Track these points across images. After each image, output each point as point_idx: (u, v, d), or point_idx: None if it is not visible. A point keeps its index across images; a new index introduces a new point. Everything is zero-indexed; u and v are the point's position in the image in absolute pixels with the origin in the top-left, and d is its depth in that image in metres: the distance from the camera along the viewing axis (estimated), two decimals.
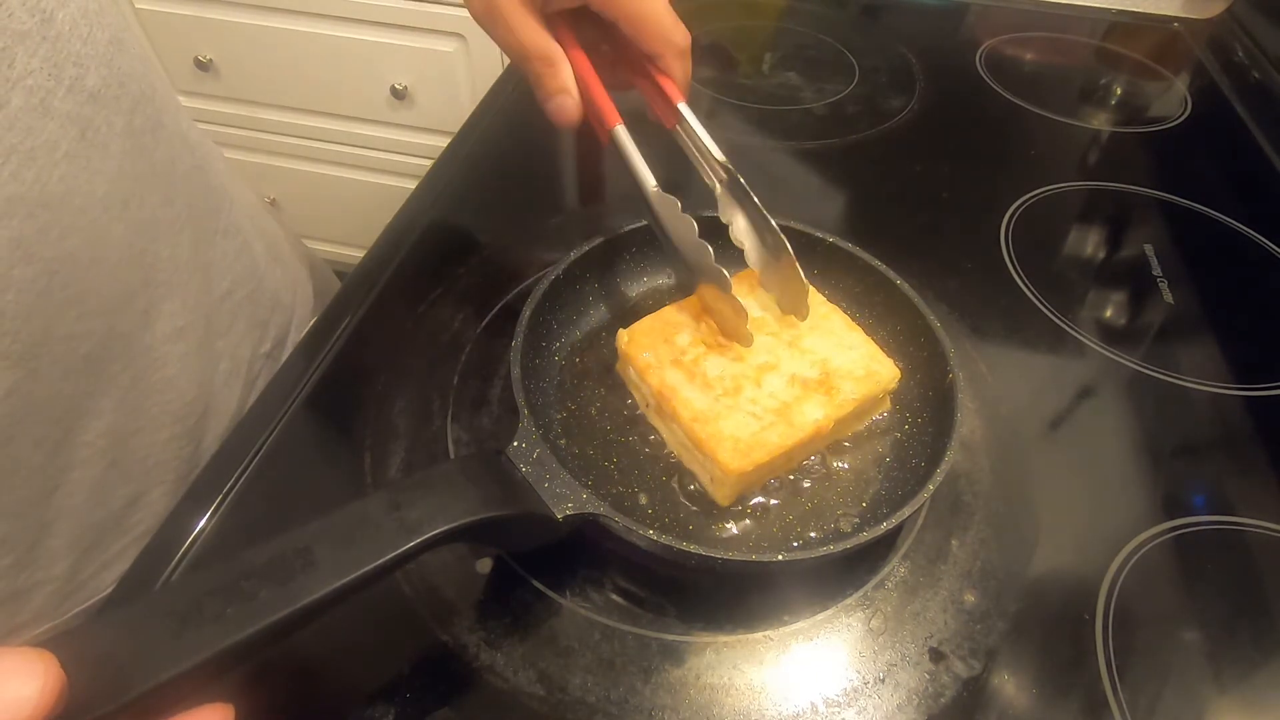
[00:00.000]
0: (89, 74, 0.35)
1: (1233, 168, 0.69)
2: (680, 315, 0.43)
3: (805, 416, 0.38)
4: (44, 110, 0.32)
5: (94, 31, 0.35)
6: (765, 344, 0.42)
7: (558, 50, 0.41)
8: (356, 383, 0.46)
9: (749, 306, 0.43)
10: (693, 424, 0.38)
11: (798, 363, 0.41)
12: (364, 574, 0.27)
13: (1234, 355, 0.51)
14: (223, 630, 0.24)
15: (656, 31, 0.41)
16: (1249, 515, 0.42)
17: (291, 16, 1.13)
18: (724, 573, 0.38)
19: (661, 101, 0.44)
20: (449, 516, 0.29)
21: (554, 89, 0.41)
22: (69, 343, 0.36)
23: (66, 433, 0.38)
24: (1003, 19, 0.89)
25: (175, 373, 0.43)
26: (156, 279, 0.41)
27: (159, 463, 0.44)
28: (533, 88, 0.42)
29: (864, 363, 0.41)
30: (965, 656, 0.36)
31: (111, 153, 0.36)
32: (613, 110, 0.42)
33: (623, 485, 0.40)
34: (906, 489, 0.39)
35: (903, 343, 0.45)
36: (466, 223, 0.58)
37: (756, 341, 0.42)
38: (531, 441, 0.35)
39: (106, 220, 0.37)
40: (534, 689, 0.34)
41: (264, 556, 0.26)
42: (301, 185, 1.38)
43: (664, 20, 0.41)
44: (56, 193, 0.33)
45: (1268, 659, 0.37)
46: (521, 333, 0.40)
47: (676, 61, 0.42)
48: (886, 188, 0.64)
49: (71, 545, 0.40)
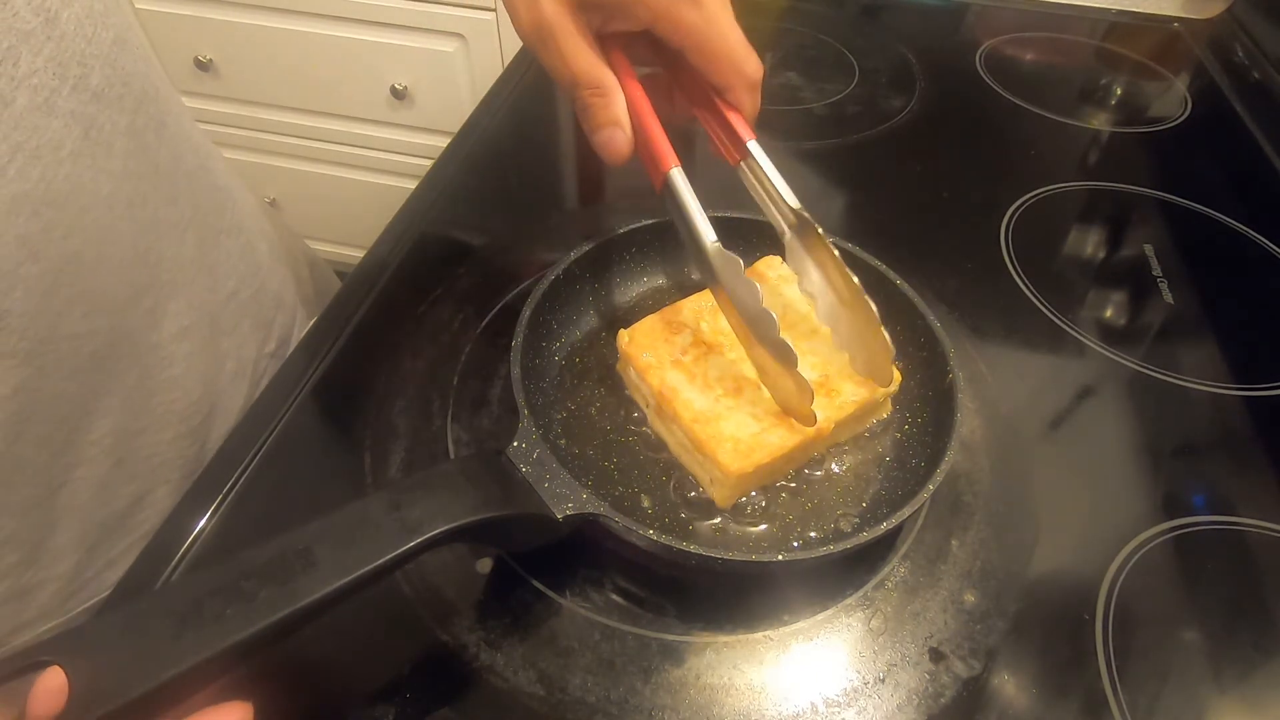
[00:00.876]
0: (93, 73, 0.35)
1: (1233, 168, 0.69)
2: (681, 316, 0.43)
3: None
4: (48, 109, 0.33)
5: (98, 31, 0.36)
6: None
7: (611, 79, 0.37)
8: (356, 382, 0.46)
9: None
10: (693, 425, 0.38)
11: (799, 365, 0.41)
12: (364, 574, 0.27)
13: (1234, 355, 0.51)
14: (223, 630, 0.24)
15: (729, 62, 0.37)
16: (1249, 515, 0.42)
17: (291, 16, 1.13)
18: (724, 572, 0.38)
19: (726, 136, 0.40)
20: (449, 517, 0.29)
21: (604, 120, 0.37)
22: (75, 341, 0.36)
23: (72, 431, 0.38)
24: (1003, 19, 0.89)
25: (181, 372, 0.43)
26: (162, 278, 0.41)
27: (164, 462, 0.44)
28: (580, 117, 0.38)
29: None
30: (965, 656, 0.36)
31: (116, 152, 0.36)
32: (669, 150, 0.37)
33: (623, 485, 0.40)
34: (906, 489, 0.39)
35: (902, 343, 0.44)
36: (467, 222, 0.58)
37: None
38: (531, 442, 0.35)
39: (111, 219, 0.37)
40: (534, 689, 0.34)
41: (264, 556, 0.26)
42: (301, 185, 1.38)
43: (737, 50, 0.37)
44: (62, 191, 0.33)
45: (1268, 659, 0.37)
46: (521, 333, 0.40)
47: (747, 95, 0.38)
48: (886, 188, 0.64)
49: (76, 543, 0.40)
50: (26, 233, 0.32)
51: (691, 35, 0.36)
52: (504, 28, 1.08)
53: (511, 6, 0.37)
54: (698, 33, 0.36)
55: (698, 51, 0.37)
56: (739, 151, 0.40)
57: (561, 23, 0.36)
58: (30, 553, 0.38)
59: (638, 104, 0.38)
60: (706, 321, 0.43)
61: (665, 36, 0.37)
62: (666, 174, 0.37)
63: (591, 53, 0.37)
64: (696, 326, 0.43)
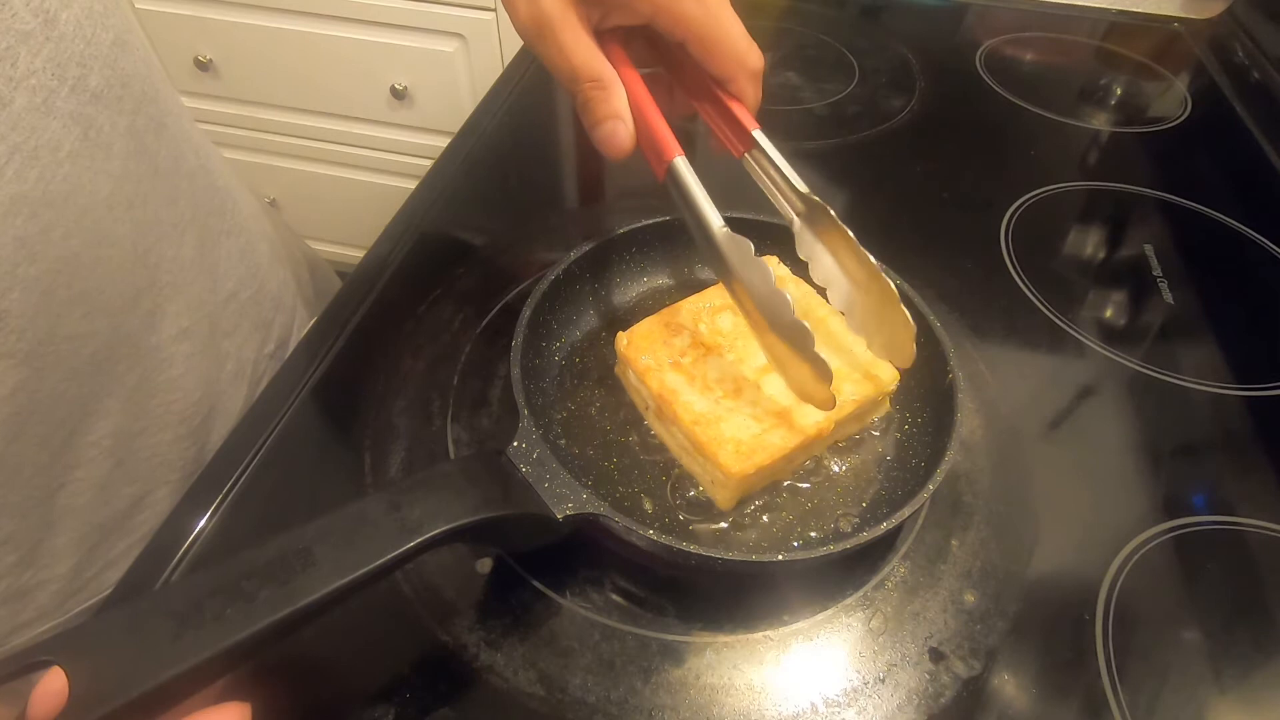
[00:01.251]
0: (92, 74, 0.35)
1: (1233, 168, 0.69)
2: (679, 318, 0.43)
3: (806, 419, 0.38)
4: (47, 110, 0.33)
5: (97, 33, 0.36)
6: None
7: (611, 72, 0.37)
8: (356, 383, 0.46)
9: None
10: (694, 427, 0.38)
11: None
12: (364, 574, 0.27)
13: (1234, 355, 0.51)
14: (222, 631, 0.24)
15: (731, 53, 0.37)
16: (1249, 515, 0.42)
17: (291, 16, 1.13)
18: (724, 572, 0.38)
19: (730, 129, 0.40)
20: (449, 517, 0.29)
21: (605, 114, 0.37)
22: (74, 342, 0.36)
23: (72, 432, 0.38)
24: (1003, 19, 0.89)
25: (181, 373, 0.43)
26: (162, 279, 0.41)
27: (164, 463, 0.44)
28: (580, 112, 0.38)
29: (863, 365, 0.41)
30: (965, 656, 0.36)
31: (115, 153, 0.36)
32: (672, 140, 0.37)
33: (623, 485, 0.40)
34: (907, 489, 0.39)
35: None
36: (466, 223, 0.58)
37: (755, 344, 0.41)
38: (531, 442, 0.35)
39: (111, 220, 0.37)
40: (534, 689, 0.34)
41: (264, 557, 0.26)
42: (301, 185, 1.38)
43: (739, 41, 0.37)
44: (60, 192, 0.33)
45: (1268, 659, 0.37)
46: (521, 333, 0.40)
47: (750, 85, 0.39)
48: (886, 188, 0.64)
49: (76, 544, 0.40)
50: (25, 234, 0.32)
51: (693, 27, 0.36)
52: (504, 28, 1.08)
53: (510, 2, 0.37)
54: (699, 24, 0.36)
55: (699, 43, 0.37)
56: (744, 143, 0.39)
57: (560, 16, 0.36)
58: (29, 553, 0.38)
59: (638, 95, 0.37)
60: (705, 323, 0.43)
61: (666, 30, 0.37)
62: (670, 162, 0.36)
63: (591, 47, 0.37)
64: (695, 328, 0.43)
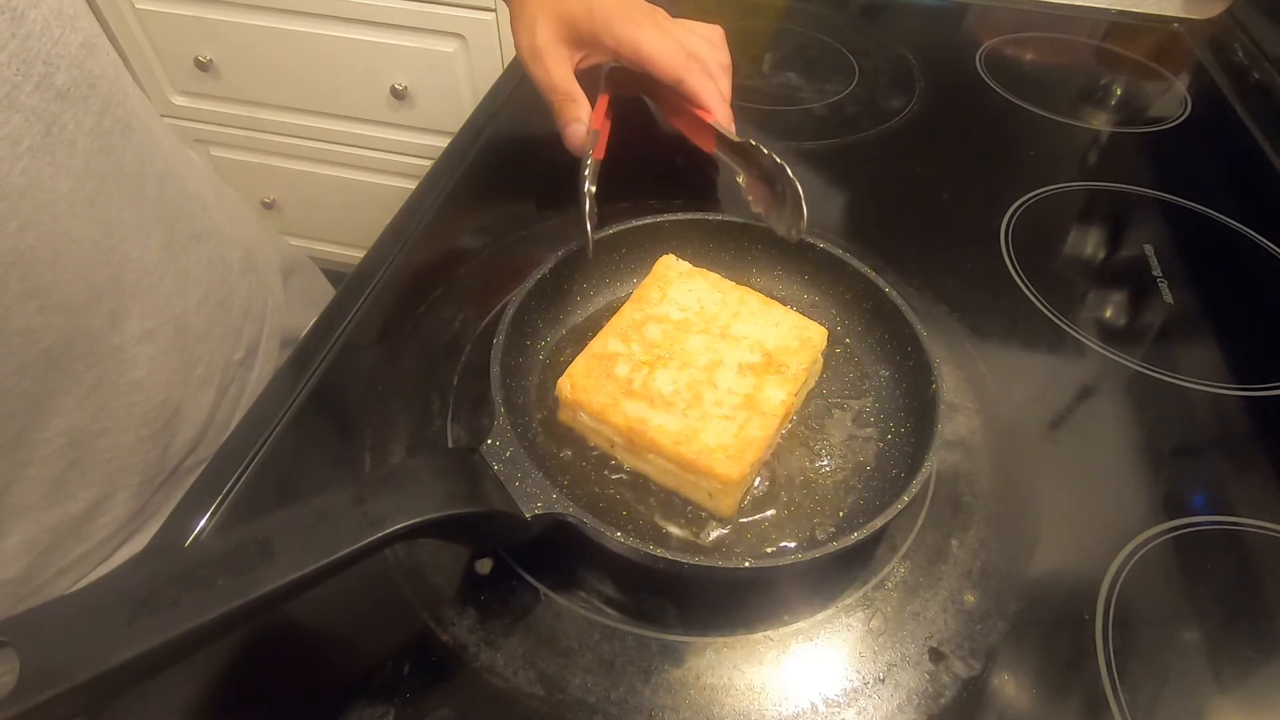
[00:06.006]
0: (58, 73, 0.35)
1: (1233, 168, 0.69)
2: (609, 346, 0.42)
3: (771, 401, 0.39)
4: (9, 104, 0.33)
5: (65, 34, 0.36)
6: (700, 343, 0.42)
7: (579, 90, 0.52)
8: (356, 383, 0.46)
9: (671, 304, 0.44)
10: (677, 448, 0.37)
11: (737, 351, 0.42)
12: (322, 566, 0.27)
13: (1234, 355, 0.51)
14: (177, 617, 0.24)
15: (665, 61, 0.50)
16: (1249, 515, 0.42)
17: (291, 16, 1.13)
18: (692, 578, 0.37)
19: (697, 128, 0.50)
20: (413, 511, 0.29)
21: (571, 118, 0.52)
22: (26, 335, 0.36)
23: (23, 428, 0.37)
24: (1003, 19, 0.89)
25: (144, 375, 0.42)
26: (125, 279, 0.41)
27: (124, 466, 0.43)
28: (554, 116, 0.53)
29: (795, 333, 0.42)
30: (965, 656, 0.36)
31: (78, 151, 0.36)
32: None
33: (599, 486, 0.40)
34: (885, 499, 0.38)
35: (889, 350, 0.45)
36: (466, 223, 0.58)
37: (692, 341, 0.42)
38: (506, 440, 0.35)
39: (71, 217, 0.36)
40: (534, 689, 0.34)
41: (224, 546, 0.26)
42: (301, 185, 1.38)
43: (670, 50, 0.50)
44: (17, 185, 0.33)
45: (1268, 659, 0.37)
46: (504, 331, 0.40)
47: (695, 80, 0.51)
48: (886, 188, 0.64)
49: (27, 547, 0.40)
50: None
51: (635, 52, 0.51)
52: (504, 28, 1.08)
53: (515, 35, 0.54)
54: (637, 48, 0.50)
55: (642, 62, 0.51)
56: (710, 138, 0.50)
57: (551, 49, 0.52)
58: None
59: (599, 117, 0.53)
60: (636, 342, 0.42)
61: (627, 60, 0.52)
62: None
63: (568, 72, 0.53)
64: (629, 350, 0.42)
